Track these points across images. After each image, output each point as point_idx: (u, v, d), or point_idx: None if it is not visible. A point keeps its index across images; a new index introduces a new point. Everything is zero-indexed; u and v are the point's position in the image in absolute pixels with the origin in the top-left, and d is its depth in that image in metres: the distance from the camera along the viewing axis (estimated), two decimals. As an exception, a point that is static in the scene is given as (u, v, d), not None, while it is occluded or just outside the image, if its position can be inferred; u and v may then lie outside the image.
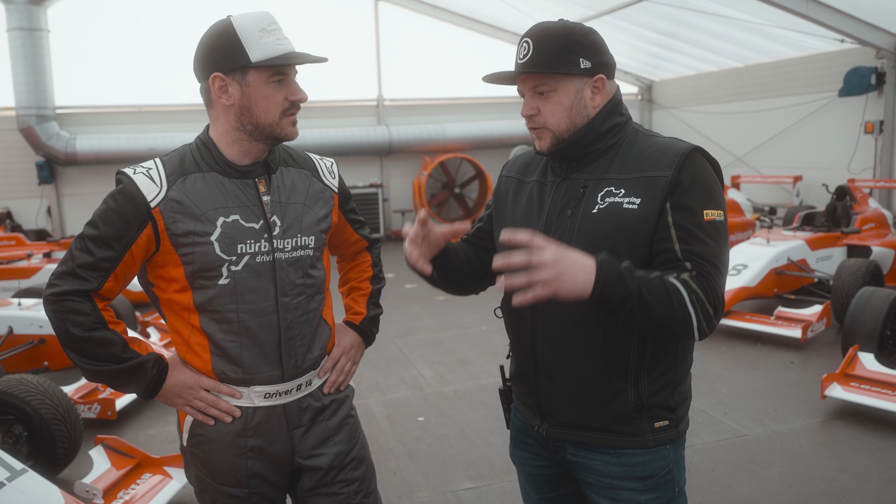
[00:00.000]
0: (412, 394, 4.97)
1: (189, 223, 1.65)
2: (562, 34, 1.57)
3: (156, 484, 3.41)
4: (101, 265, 1.63)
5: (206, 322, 1.71)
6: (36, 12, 10.83)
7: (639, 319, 1.43)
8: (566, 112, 1.59)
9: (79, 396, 4.44)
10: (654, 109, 14.73)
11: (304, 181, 1.84)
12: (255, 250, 1.70)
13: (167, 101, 12.05)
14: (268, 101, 1.67)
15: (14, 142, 11.41)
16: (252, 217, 1.71)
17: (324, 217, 1.85)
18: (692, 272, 1.47)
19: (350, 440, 1.91)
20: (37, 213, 11.83)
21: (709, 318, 1.46)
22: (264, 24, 1.64)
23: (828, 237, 7.01)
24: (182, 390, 1.73)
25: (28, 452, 3.57)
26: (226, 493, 1.79)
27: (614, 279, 1.38)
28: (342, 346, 1.97)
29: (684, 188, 1.51)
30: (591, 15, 10.86)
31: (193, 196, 1.67)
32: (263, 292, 1.72)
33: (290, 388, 1.79)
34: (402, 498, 3.52)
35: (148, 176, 1.66)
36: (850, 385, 4.35)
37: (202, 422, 1.76)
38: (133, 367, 1.67)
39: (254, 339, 1.72)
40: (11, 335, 4.83)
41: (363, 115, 13.25)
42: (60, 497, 2.63)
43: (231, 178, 1.72)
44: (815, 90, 10.64)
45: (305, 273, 1.79)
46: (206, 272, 1.68)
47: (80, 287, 1.62)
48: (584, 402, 1.62)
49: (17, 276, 7.12)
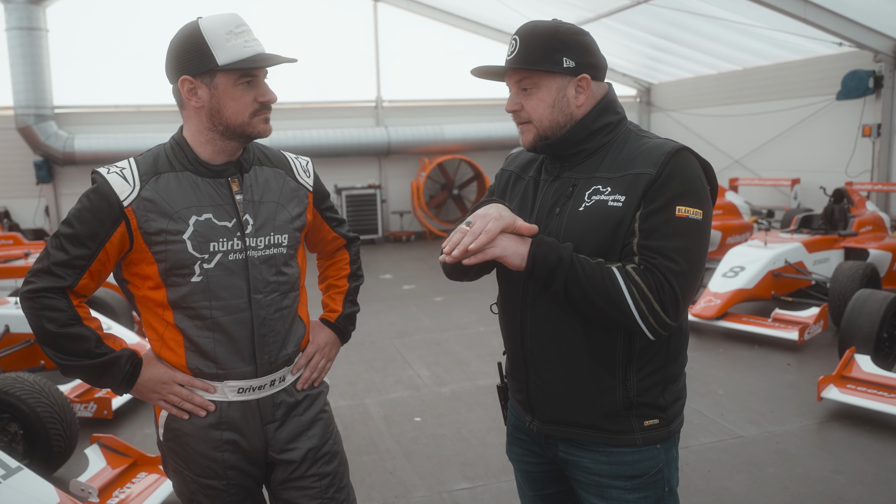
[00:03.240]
0: (409, 394, 4.97)
1: (162, 222, 1.68)
2: (548, 33, 1.59)
3: (151, 483, 3.40)
4: (76, 263, 1.66)
5: (179, 318, 1.74)
6: (35, 12, 10.83)
7: (575, 294, 1.48)
8: (548, 108, 1.61)
9: (75, 395, 4.44)
10: (653, 112, 14.74)
11: (279, 180, 1.86)
12: (227, 248, 1.73)
13: (165, 102, 12.00)
14: (237, 102, 1.69)
15: (12, 141, 11.40)
16: (225, 216, 1.73)
17: (297, 215, 1.88)
18: (638, 265, 1.48)
19: (323, 435, 1.93)
20: (34, 213, 11.82)
21: (656, 313, 1.45)
22: (232, 27, 1.65)
23: (825, 240, 7.02)
24: (156, 385, 1.76)
25: (24, 451, 3.56)
26: (205, 485, 1.82)
27: (547, 244, 1.51)
28: (317, 343, 1.99)
29: (661, 183, 1.51)
30: (590, 17, 10.88)
31: (166, 195, 1.70)
32: (236, 290, 1.74)
33: (263, 384, 1.81)
34: (398, 498, 3.51)
35: (121, 175, 1.70)
36: (846, 387, 4.36)
37: (176, 416, 1.79)
38: (107, 363, 1.70)
39: (227, 336, 1.75)
40: (8, 333, 4.82)
41: (362, 117, 13.24)
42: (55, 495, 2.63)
43: (204, 177, 1.74)
44: (813, 93, 10.66)
45: (279, 271, 1.81)
46: (179, 270, 1.70)
47: (54, 284, 1.65)
48: (571, 398, 1.63)
49: (14, 275, 7.09)
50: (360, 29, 13.21)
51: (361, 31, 13.21)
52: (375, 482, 3.67)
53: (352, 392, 5.01)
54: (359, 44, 13.24)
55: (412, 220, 13.53)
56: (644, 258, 1.48)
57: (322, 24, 12.70)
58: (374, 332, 6.46)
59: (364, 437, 4.24)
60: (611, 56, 13.29)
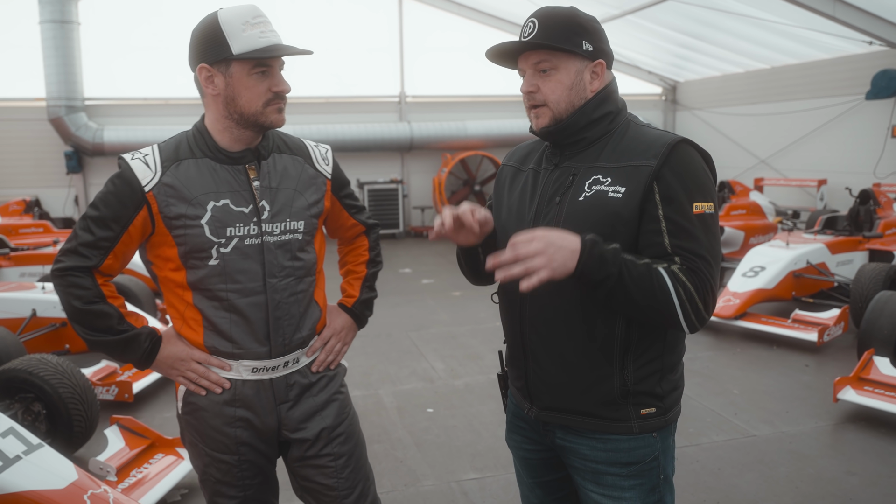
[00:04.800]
0: (423, 386, 5.01)
1: (181, 207, 1.75)
2: (568, 15, 1.61)
3: (168, 464, 3.49)
4: (101, 244, 1.76)
5: (198, 299, 1.82)
6: (67, 5, 11.07)
7: (619, 300, 1.47)
8: (566, 91, 1.61)
9: (97, 378, 4.56)
10: (678, 110, 14.61)
11: (297, 167, 1.91)
12: (243, 233, 1.79)
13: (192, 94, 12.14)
14: (251, 91, 1.74)
15: (44, 132, 11.67)
16: (242, 201, 1.79)
17: (315, 202, 1.92)
18: (682, 266, 1.50)
19: (338, 415, 1.98)
20: (64, 202, 12.08)
21: (698, 311, 1.49)
22: (248, 18, 1.70)
23: (849, 241, 6.92)
24: (175, 362, 1.84)
25: (46, 430, 3.67)
26: (217, 459, 1.89)
27: (596, 259, 1.45)
28: (333, 326, 2.04)
29: (672, 180, 1.52)
30: (615, 14, 10.80)
31: (186, 181, 1.76)
32: (251, 273, 1.80)
33: (276, 365, 1.88)
34: (408, 486, 3.56)
35: (144, 161, 1.77)
36: (863, 389, 4.30)
37: (194, 392, 1.87)
38: (128, 339, 1.79)
39: (243, 317, 1.82)
40: (35, 317, 4.97)
41: (385, 112, 13.32)
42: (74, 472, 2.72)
43: (223, 163, 1.80)
44: (841, 93, 10.48)
45: (294, 256, 1.86)
46: (198, 253, 1.77)
47: (81, 263, 1.75)
48: (568, 386, 1.65)
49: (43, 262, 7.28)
50: (385, 24, 13.27)
51: (385, 27, 13.28)
52: (386, 470, 3.72)
53: (367, 382, 5.07)
54: (383, 39, 13.31)
55: (433, 216, 13.57)
56: (685, 259, 1.50)
57: (347, 20, 12.79)
58: (392, 324, 6.50)
59: (376, 426, 4.30)
60: (636, 53, 13.21)
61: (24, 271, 7.37)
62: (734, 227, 8.87)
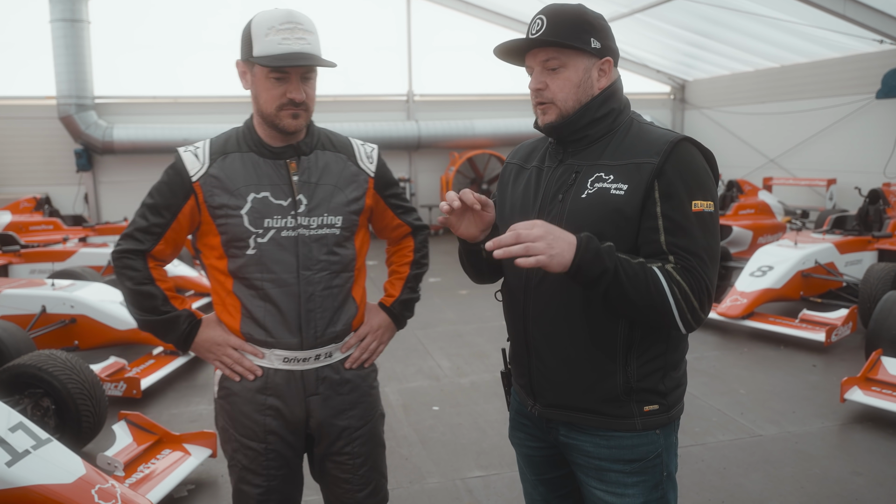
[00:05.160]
0: (429, 384, 5.03)
1: (223, 197, 1.86)
2: (576, 12, 1.61)
3: (175, 460, 3.51)
4: (153, 230, 1.89)
5: (237, 287, 1.91)
6: (78, 4, 11.15)
7: (616, 298, 1.48)
8: (574, 89, 1.61)
9: (106, 375, 4.59)
10: (687, 109, 14.56)
11: (339, 164, 1.97)
12: (280, 225, 1.86)
13: (201, 93, 12.30)
14: (267, 93, 1.81)
15: (54, 130, 11.76)
16: (281, 195, 1.87)
17: (355, 199, 1.97)
18: (676, 265, 1.50)
19: (363, 416, 2.03)
20: (74, 200, 12.16)
21: (694, 310, 1.49)
22: (275, 23, 1.76)
23: (858, 241, 6.88)
24: (212, 346, 1.94)
25: (55, 425, 3.71)
26: (245, 445, 1.96)
27: (592, 254, 1.45)
28: (370, 324, 2.08)
29: (672, 177, 1.52)
30: (624, 12, 10.76)
31: (230, 173, 1.87)
32: (286, 264, 1.87)
33: (308, 357, 1.93)
34: (413, 483, 3.58)
35: (194, 154, 1.89)
36: (871, 389, 4.28)
37: (229, 377, 1.95)
38: (169, 321, 1.91)
39: (276, 307, 1.89)
40: (44, 314, 5.01)
41: (393, 110, 13.34)
42: (82, 467, 2.75)
43: (265, 158, 1.89)
44: (852, 92, 10.42)
45: (330, 250, 1.92)
46: (237, 242, 1.87)
47: (135, 247, 1.89)
48: (572, 383, 1.65)
49: (53, 259, 7.35)
50: (393, 23, 13.30)
51: (394, 25, 13.30)
52: (391, 467, 3.68)
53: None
54: (391, 38, 13.33)
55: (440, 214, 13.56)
56: (679, 258, 1.50)
57: (355, 18, 12.82)
58: (398, 322, 6.49)
59: (382, 423, 4.31)
60: (644, 52, 13.17)
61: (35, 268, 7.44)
62: (742, 226, 8.84)
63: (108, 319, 5.05)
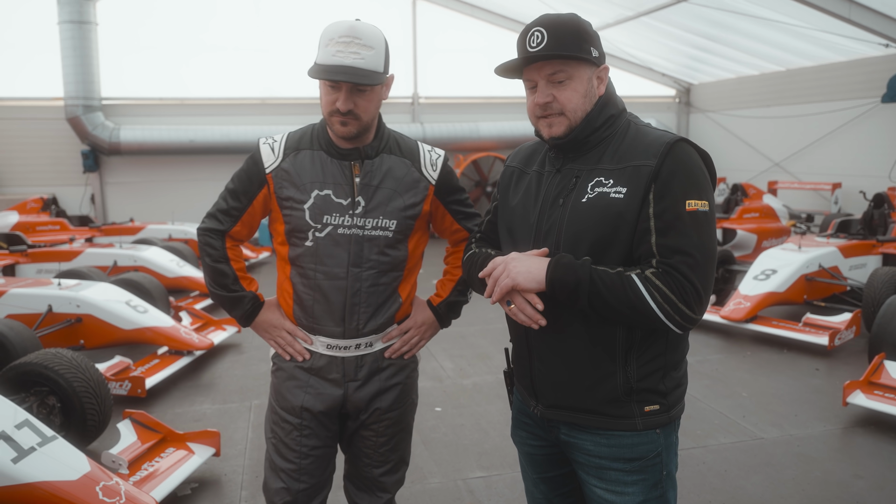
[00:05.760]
0: (432, 385, 5.04)
1: (291, 190, 2.00)
2: (574, 22, 1.62)
3: (179, 459, 3.54)
4: (232, 212, 2.09)
5: (294, 274, 2.08)
6: (85, 6, 11.23)
7: (600, 308, 1.53)
8: (581, 99, 1.63)
9: (111, 374, 4.62)
10: (692, 113, 14.55)
11: (402, 169, 2.05)
12: (338, 223, 1.99)
13: (207, 95, 12.36)
14: (323, 99, 1.95)
15: (61, 131, 11.84)
16: (342, 194, 1.99)
17: (412, 205, 2.06)
18: (656, 268, 1.52)
19: (395, 402, 2.15)
20: (81, 200, 12.23)
21: (680, 312, 1.51)
22: (335, 35, 1.87)
23: (862, 245, 6.87)
24: (269, 327, 2.13)
25: (61, 423, 3.74)
26: (283, 419, 2.12)
27: (563, 267, 1.53)
28: (415, 319, 2.20)
29: (667, 177, 1.54)
30: (629, 16, 10.79)
31: (299, 169, 2.01)
32: (338, 259, 2.01)
33: (349, 345, 2.07)
34: (414, 483, 3.59)
35: (271, 147, 2.05)
36: (873, 393, 4.28)
37: (280, 355, 2.13)
38: (236, 299, 2.12)
39: (325, 297, 2.04)
40: (51, 313, 5.05)
41: (398, 112, 13.39)
42: (87, 464, 2.78)
43: (333, 157, 2.01)
44: (857, 96, 10.41)
45: (382, 251, 2.03)
46: (298, 233, 2.02)
47: (215, 226, 2.09)
48: (573, 384, 1.67)
49: (59, 259, 7.40)
50: (398, 25, 13.34)
51: (399, 27, 13.34)
52: (393, 467, 3.74)
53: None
54: (396, 40, 13.35)
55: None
56: (663, 258, 1.52)
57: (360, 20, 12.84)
58: (402, 324, 6.52)
59: (385, 424, 4.33)
60: (649, 55, 13.17)
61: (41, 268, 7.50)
62: (747, 230, 8.84)
63: (113, 319, 5.09)
